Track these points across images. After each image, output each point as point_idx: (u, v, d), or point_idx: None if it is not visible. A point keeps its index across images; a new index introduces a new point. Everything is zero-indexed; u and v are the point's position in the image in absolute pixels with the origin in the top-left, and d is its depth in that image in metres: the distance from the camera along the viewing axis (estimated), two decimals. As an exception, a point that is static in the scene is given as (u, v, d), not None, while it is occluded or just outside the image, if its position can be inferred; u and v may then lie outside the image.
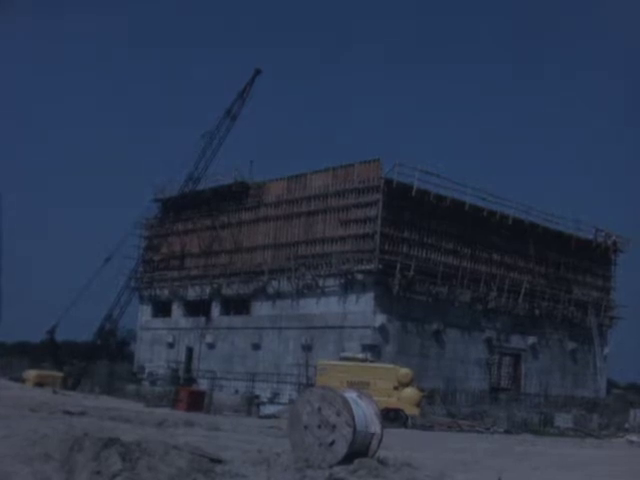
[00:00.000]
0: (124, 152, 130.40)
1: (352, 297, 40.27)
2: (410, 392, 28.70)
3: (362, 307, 39.74)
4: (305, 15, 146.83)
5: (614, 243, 51.56)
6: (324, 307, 41.50)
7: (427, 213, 41.77)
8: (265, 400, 38.26)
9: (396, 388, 28.48)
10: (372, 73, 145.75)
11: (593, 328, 49.60)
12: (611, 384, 56.33)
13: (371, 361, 31.72)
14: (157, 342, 52.49)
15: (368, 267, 39.52)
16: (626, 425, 34.87)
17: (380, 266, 39.18)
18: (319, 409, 10.93)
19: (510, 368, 46.59)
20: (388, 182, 39.98)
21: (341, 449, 10.71)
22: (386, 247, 39.85)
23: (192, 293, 50.44)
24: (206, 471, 8.81)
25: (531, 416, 34.94)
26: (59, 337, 53.52)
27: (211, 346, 47.86)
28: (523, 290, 45.43)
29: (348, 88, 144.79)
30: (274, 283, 44.50)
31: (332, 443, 10.74)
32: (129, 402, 34.68)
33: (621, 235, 52.09)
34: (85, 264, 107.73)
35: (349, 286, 40.36)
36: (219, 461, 9.36)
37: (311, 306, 42.28)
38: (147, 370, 51.33)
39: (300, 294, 42.85)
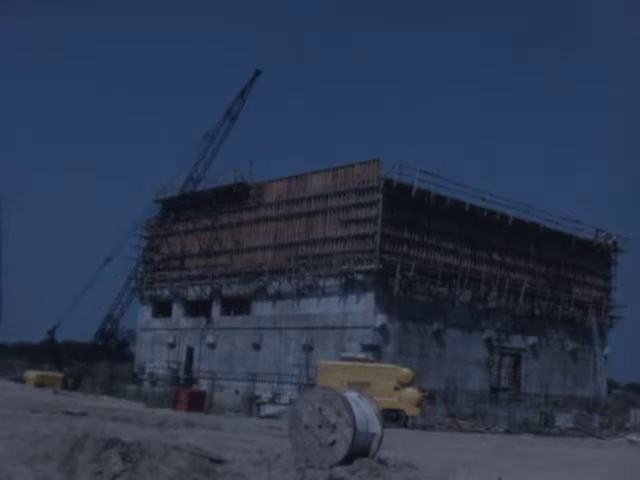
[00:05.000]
0: (124, 152, 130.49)
1: (352, 297, 40.29)
2: (411, 392, 28.67)
3: (362, 307, 39.76)
4: (305, 15, 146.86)
5: (614, 243, 51.55)
6: (324, 307, 41.51)
7: (427, 213, 41.78)
8: (266, 400, 38.21)
9: (397, 388, 28.44)
10: (372, 73, 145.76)
11: (593, 328, 49.60)
12: (611, 384, 56.34)
13: (372, 361, 31.67)
14: (157, 342, 52.50)
15: (368, 267, 39.53)
16: (627, 425, 34.90)
17: (380, 266, 39.19)
18: (320, 409, 10.94)
19: (510, 368, 46.58)
20: (388, 182, 39.99)
21: (342, 449, 10.72)
22: (386, 247, 39.86)
23: (192, 293, 50.45)
24: (207, 471, 8.80)
25: (531, 416, 34.92)
26: (60, 338, 53.67)
27: (211, 346, 47.87)
28: (523, 290, 45.43)
29: (348, 88, 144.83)
30: (274, 283, 44.51)
31: (333, 443, 10.75)
32: (130, 402, 34.64)
33: (621, 235, 52.13)
34: (85, 265, 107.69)
35: (349, 286, 40.37)
36: (220, 461, 9.35)
37: (311, 306, 42.29)
38: (147, 370, 51.33)
39: (300, 294, 42.86)
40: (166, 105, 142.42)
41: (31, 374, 42.31)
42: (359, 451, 11.06)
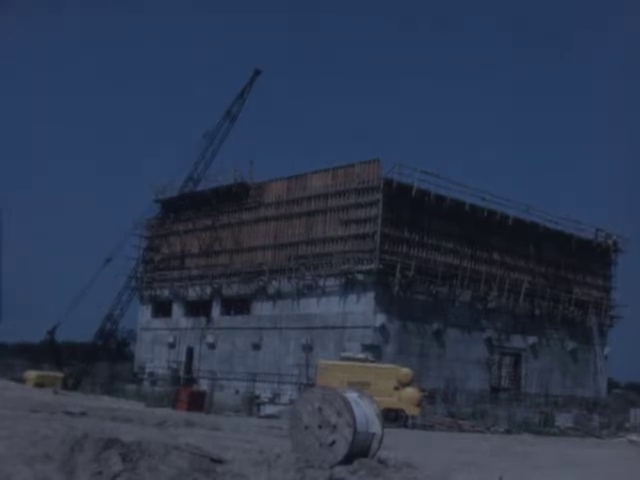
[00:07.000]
0: (124, 152, 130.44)
1: (352, 297, 40.27)
2: (411, 392, 28.69)
3: (362, 307, 39.74)
4: (305, 15, 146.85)
5: (614, 243, 51.53)
6: (324, 307, 41.50)
7: (427, 213, 41.77)
8: (266, 400, 38.23)
9: (397, 388, 28.46)
10: (372, 73, 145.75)
11: (593, 328, 49.59)
12: (611, 384, 56.31)
13: (371, 361, 31.70)
14: (157, 342, 52.49)
15: (368, 267, 39.52)
16: (626, 425, 34.89)
17: (380, 266, 39.18)
18: (320, 409, 10.94)
19: (510, 368, 46.58)
20: (388, 182, 39.99)
21: (342, 449, 10.72)
22: (386, 247, 39.85)
23: (192, 293, 50.44)
24: (207, 471, 8.80)
25: (531, 416, 34.93)
26: (60, 338, 53.64)
27: (212, 346, 47.86)
28: (523, 290, 45.42)
29: (348, 88, 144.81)
30: (274, 283, 44.50)
31: (333, 443, 10.75)
32: (130, 402, 34.66)
33: (621, 235, 52.12)
34: (85, 265, 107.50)
35: (349, 286, 40.36)
36: (220, 461, 9.35)
37: (311, 306, 42.27)
38: (147, 370, 51.33)
39: (300, 294, 42.85)
40: (166, 105, 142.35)
41: (31, 374, 42.31)
42: (359, 451, 11.06)
